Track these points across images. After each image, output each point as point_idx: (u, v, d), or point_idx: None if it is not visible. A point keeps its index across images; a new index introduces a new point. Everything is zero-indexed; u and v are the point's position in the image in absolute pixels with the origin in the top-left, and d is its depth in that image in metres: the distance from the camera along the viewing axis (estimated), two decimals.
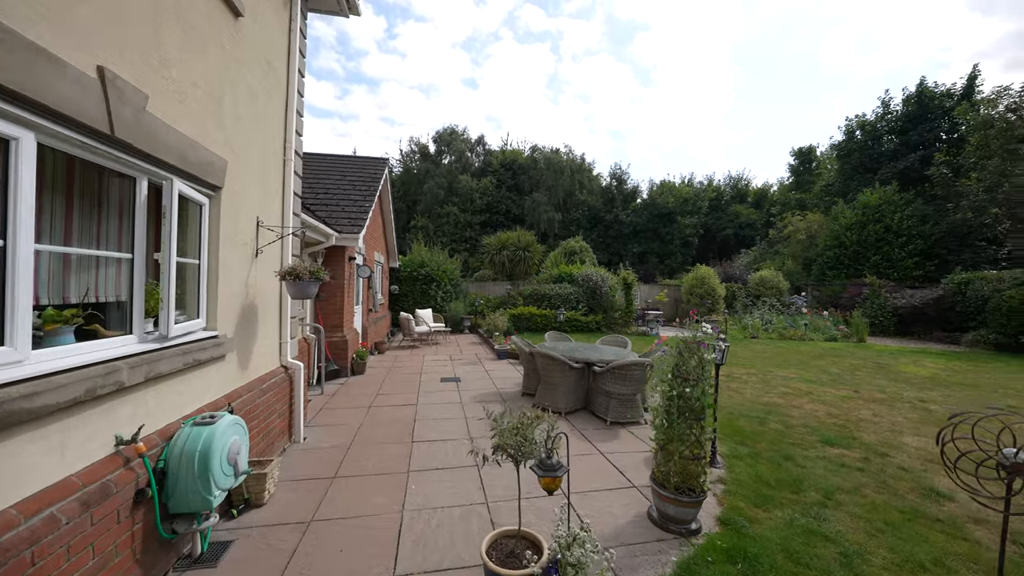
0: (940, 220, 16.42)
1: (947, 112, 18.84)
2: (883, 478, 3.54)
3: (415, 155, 34.54)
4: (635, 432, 4.58)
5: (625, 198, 35.38)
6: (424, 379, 6.90)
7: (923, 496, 3.24)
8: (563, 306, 14.07)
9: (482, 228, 30.53)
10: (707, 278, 16.12)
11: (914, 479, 3.53)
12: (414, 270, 13.89)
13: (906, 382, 7.40)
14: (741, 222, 35.10)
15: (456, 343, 11.21)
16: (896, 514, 2.98)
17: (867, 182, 19.46)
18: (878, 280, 15.15)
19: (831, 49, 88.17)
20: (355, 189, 8.37)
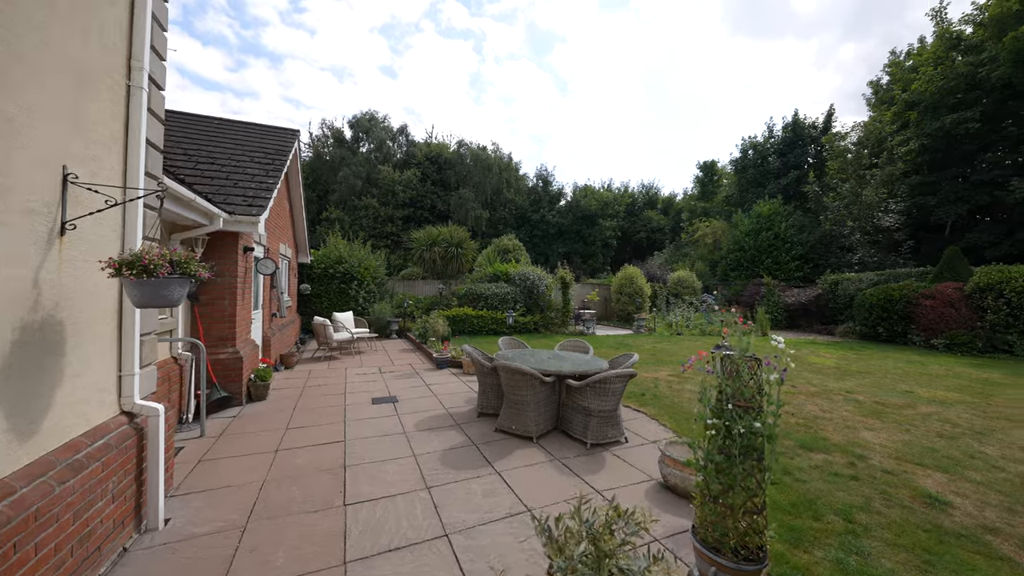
0: (813, 230, 19.17)
1: (814, 140, 22.22)
2: (880, 487, 3.35)
3: (327, 140, 31.05)
4: (620, 455, 3.95)
5: (551, 199, 35.99)
6: (351, 401, 5.54)
7: (928, 505, 3.07)
8: (500, 306, 13.32)
9: (405, 223, 28.49)
10: (635, 278, 16.68)
11: (905, 484, 3.41)
12: (330, 267, 11.95)
13: (821, 372, 8.03)
14: (653, 227, 37.97)
15: (384, 351, 9.74)
16: (922, 534, 2.71)
17: (759, 195, 22.10)
18: (772, 280, 17.09)
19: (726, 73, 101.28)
20: (254, 162, 6.58)
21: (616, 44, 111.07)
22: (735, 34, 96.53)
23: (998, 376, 8.04)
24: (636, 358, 4.88)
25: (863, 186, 17.02)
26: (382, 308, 12.03)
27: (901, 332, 12.07)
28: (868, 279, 14.29)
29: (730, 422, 2.13)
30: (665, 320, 15.50)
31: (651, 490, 3.26)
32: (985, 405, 5.82)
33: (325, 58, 65.82)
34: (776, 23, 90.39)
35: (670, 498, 3.14)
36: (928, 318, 11.31)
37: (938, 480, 3.45)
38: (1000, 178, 14.58)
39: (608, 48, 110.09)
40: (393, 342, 11.26)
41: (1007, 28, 14.31)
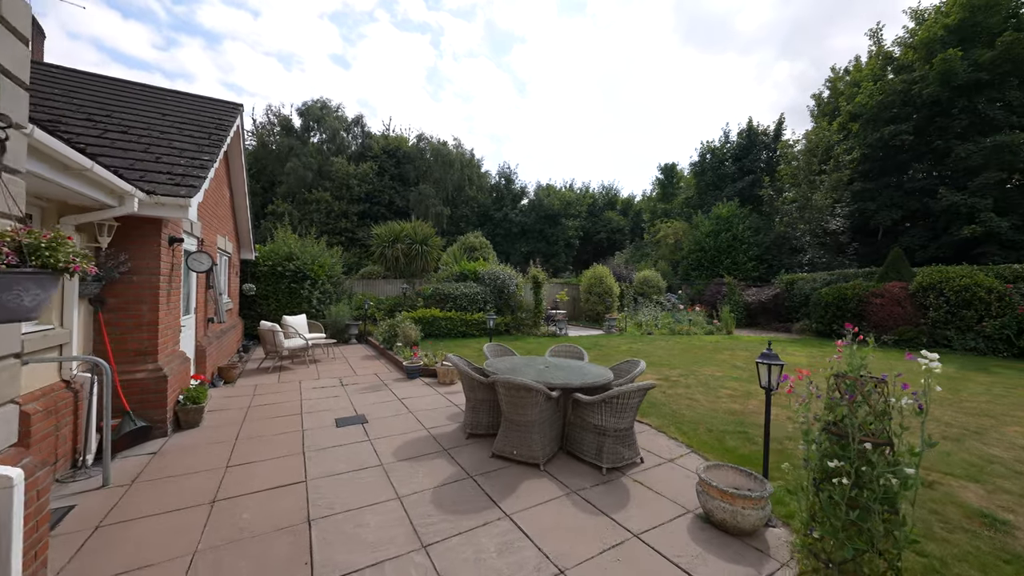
0: (768, 232, 20.14)
1: (767, 147, 23.46)
2: (927, 503, 3.08)
3: (274, 128, 28.58)
4: (641, 480, 3.43)
5: (514, 197, 35.57)
6: (310, 424, 4.61)
7: (988, 526, 2.81)
8: (469, 307, 12.56)
9: (361, 219, 26.82)
10: (604, 277, 16.57)
11: (948, 499, 3.17)
12: (278, 264, 10.61)
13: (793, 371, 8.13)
14: (613, 227, 38.68)
15: (344, 358, 8.68)
16: (1007, 568, 2.40)
17: (717, 198, 22.96)
18: (733, 280, 17.68)
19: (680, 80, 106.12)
20: (184, 136, 5.40)
21: (574, 48, 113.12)
22: (685, 45, 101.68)
23: (951, 370, 8.53)
24: (643, 366, 4.41)
25: (813, 191, 18.05)
26: (339, 310, 10.87)
27: None
28: (821, 279, 15.09)
29: (862, 464, 1.62)
30: (635, 320, 15.48)
31: (693, 527, 2.76)
32: (959, 401, 5.99)
33: (270, 42, 61.16)
34: (720, 39, 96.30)
35: (718, 537, 2.65)
36: (878, 316, 12.02)
37: (977, 493, 3.25)
38: (929, 187, 15.98)
39: (566, 52, 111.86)
40: (353, 348, 10.16)
41: (935, 51, 15.69)
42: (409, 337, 7.48)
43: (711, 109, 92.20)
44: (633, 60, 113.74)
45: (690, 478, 3.49)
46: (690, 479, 3.47)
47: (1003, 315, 10.22)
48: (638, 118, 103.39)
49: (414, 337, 7.48)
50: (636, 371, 4.38)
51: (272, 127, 28.59)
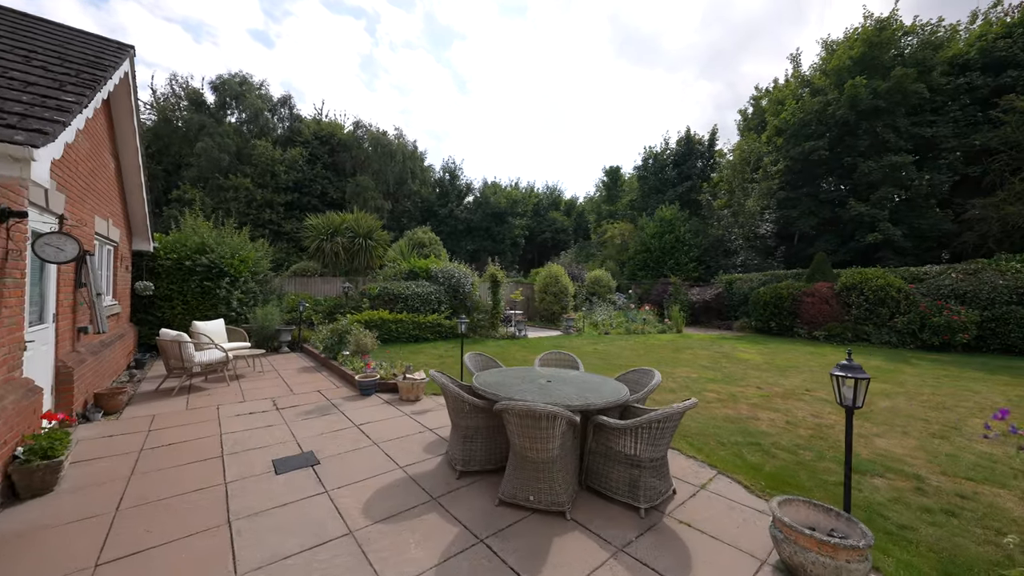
0: (707, 234, 21.38)
1: (702, 155, 25.01)
2: (981, 522, 2.84)
3: (180, 103, 24.53)
4: (687, 520, 2.82)
5: (459, 194, 34.42)
6: (235, 472, 3.38)
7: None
8: (422, 307, 11.41)
9: (288, 210, 24.03)
10: (560, 276, 16.26)
11: (1003, 516, 2.97)
12: (187, 257, 8.64)
13: (760, 369, 8.28)
14: (557, 227, 39.13)
15: (275, 372, 7.17)
16: None
17: (660, 201, 23.95)
18: (678, 279, 18.41)
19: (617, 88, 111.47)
20: (33, 66, 3.79)
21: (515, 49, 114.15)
22: (619, 57, 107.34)
23: (880, 362, 9.28)
24: (658, 378, 3.85)
25: (746, 197, 19.41)
26: (268, 313, 9.15)
27: (789, 326, 13.74)
28: (757, 279, 16.16)
29: None
30: (590, 320, 15.35)
31: None
32: (916, 395, 6.32)
33: (175, 6, 53.06)
34: (650, 55, 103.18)
35: None
36: (810, 313, 13.02)
37: (1018, 503, 3.10)
38: (839, 198, 17.91)
39: (508, 52, 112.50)
40: (286, 358, 8.56)
41: (844, 79, 17.61)
42: (363, 345, 6.27)
43: (649, 116, 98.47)
44: (572, 66, 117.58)
45: (736, 510, 2.97)
46: (736, 511, 2.95)
47: (909, 312, 11.51)
48: (579, 121, 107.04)
49: (369, 345, 6.29)
50: (652, 383, 3.80)
51: (178, 101, 24.51)
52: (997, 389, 6.71)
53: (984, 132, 15.85)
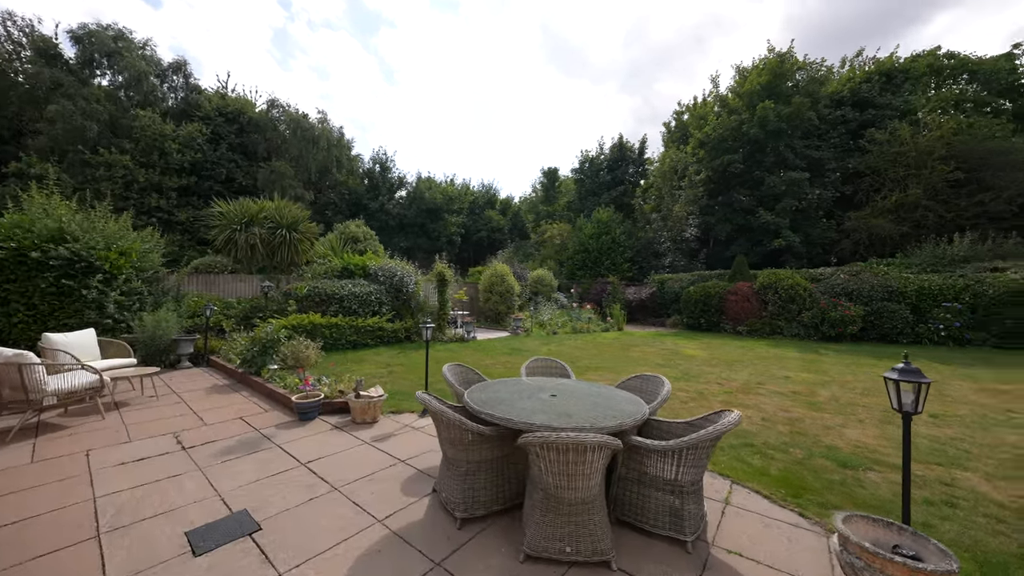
0: (638, 237, 22.57)
1: (634, 162, 26.44)
2: (978, 511, 2.93)
3: (21, 52, 19.47)
4: (734, 548, 2.49)
5: (391, 187, 32.40)
6: (120, 559, 2.28)
7: None
8: (360, 310, 10.14)
9: (184, 196, 20.43)
10: (506, 275, 15.83)
11: (985, 501, 3.11)
12: (33, 247, 6.50)
13: (709, 364, 8.66)
14: (493, 226, 38.82)
15: (174, 395, 5.63)
16: None
17: (596, 203, 24.78)
18: (616, 279, 19.10)
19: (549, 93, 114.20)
20: None
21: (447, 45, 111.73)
22: (549, 63, 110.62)
23: (796, 353, 10.29)
24: (668, 386, 3.53)
25: (674, 203, 20.81)
26: (161, 320, 7.30)
27: (716, 322, 14.88)
28: (687, 279, 17.34)
29: None
30: (537, 320, 15.16)
31: None
32: (843, 382, 6.95)
33: None
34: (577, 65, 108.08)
35: None
36: (734, 310, 14.22)
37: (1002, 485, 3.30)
38: (751, 207, 20.01)
39: (439, 47, 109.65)
40: (188, 376, 6.87)
41: (755, 101, 19.72)
42: (303, 358, 5.09)
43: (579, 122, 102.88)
44: (504, 67, 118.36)
45: (773, 527, 2.73)
46: (773, 529, 2.71)
47: (812, 308, 13.09)
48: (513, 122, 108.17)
49: (312, 358, 5.13)
50: (663, 392, 3.47)
51: (18, 49, 19.37)
52: None
53: (855, 158, 18.84)
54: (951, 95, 19.41)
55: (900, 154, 17.09)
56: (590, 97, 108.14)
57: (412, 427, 4.53)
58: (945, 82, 20.39)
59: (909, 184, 16.70)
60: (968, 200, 15.86)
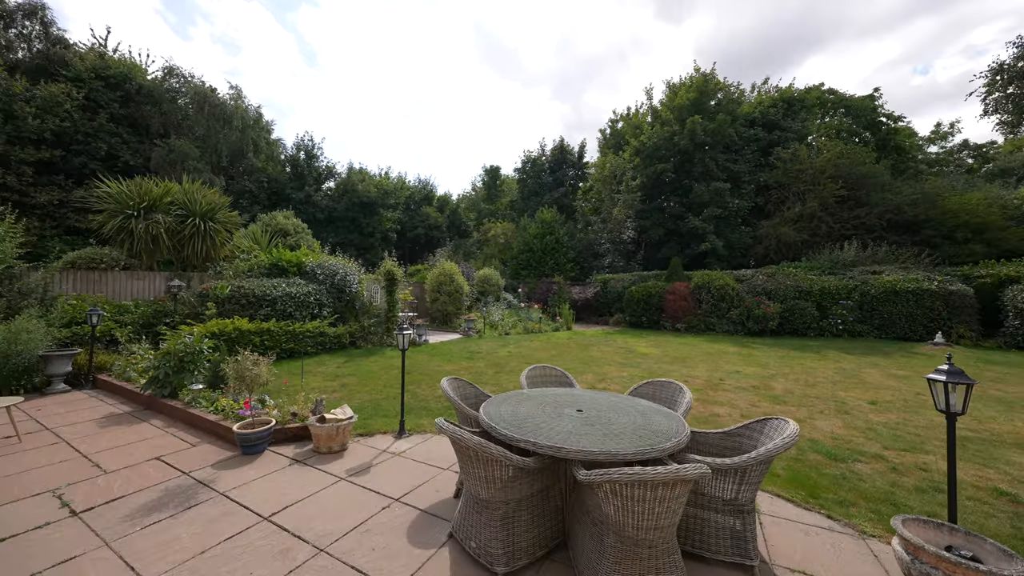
0: (580, 238, 23.19)
1: (574, 165, 27.15)
2: (966, 494, 3.18)
3: None
4: (791, 565, 2.34)
5: (318, 177, 29.60)
6: None
7: None
8: (296, 313, 8.85)
9: (44, 173, 16.50)
10: (454, 275, 15.15)
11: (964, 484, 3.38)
12: None
13: (663, 361, 8.99)
14: (431, 223, 37.53)
15: (49, 433, 4.22)
16: None
17: (539, 203, 24.97)
18: (562, 279, 19.37)
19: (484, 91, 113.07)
20: None
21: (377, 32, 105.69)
22: (482, 63, 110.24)
23: (732, 347, 11.18)
24: (690, 395, 3.37)
25: (613, 206, 21.70)
26: (22, 331, 5.55)
27: (656, 320, 15.73)
28: (628, 279, 18.13)
29: None
30: (488, 320, 14.72)
31: None
32: (787, 374, 7.59)
33: None
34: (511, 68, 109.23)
35: None
36: (673, 308, 15.14)
37: (993, 476, 3.63)
38: (680, 213, 21.61)
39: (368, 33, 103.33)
40: (67, 403, 5.28)
41: (684, 115, 21.31)
42: (254, 378, 3.99)
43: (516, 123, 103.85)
44: (438, 62, 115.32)
45: (813, 535, 2.67)
46: (815, 537, 2.65)
47: (739, 306, 14.41)
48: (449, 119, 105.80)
49: (264, 377, 4.07)
50: (686, 401, 3.29)
51: None
52: (818, 364, 8.66)
53: (766, 172, 21.27)
54: (833, 124, 22.84)
55: (800, 171, 19.63)
56: (524, 100, 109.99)
57: (391, 453, 3.87)
58: (828, 113, 23.95)
59: (807, 198, 19.25)
60: (849, 213, 18.72)
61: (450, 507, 2.90)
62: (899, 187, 18.80)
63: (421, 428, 4.58)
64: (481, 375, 7.34)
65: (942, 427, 4.76)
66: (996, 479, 3.51)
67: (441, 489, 3.17)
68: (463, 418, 3.16)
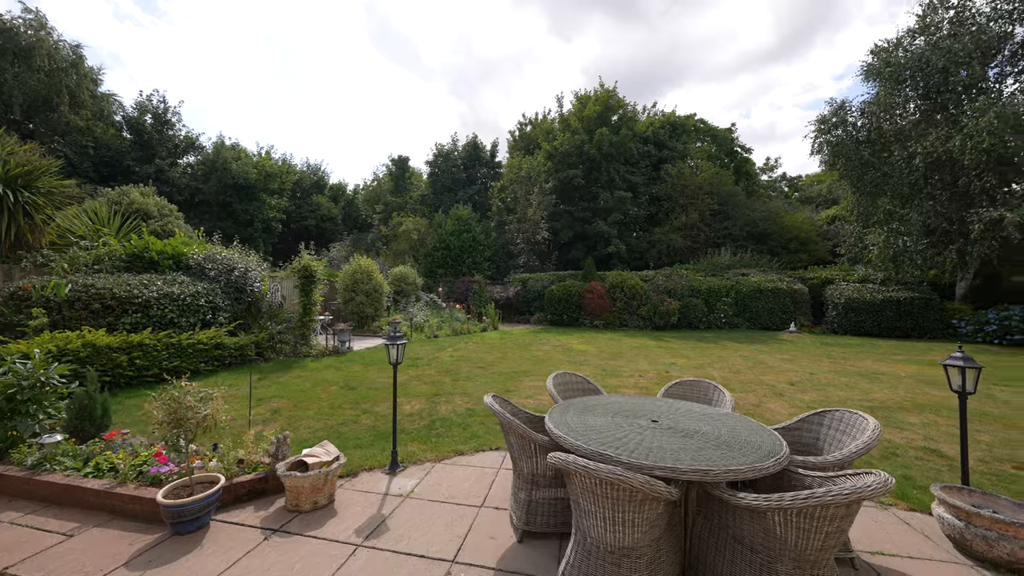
0: (497, 237, 23.13)
1: (487, 163, 26.98)
2: (919, 465, 3.80)
3: None
4: (872, 548, 2.43)
5: (175, 148, 23.84)
6: None
7: None
8: (179, 319, 6.74)
9: None
10: (372, 272, 13.57)
11: None
12: None
13: (606, 357, 9.35)
14: (323, 214, 33.59)
15: None
16: None
17: (453, 200, 24.14)
18: (482, 278, 19.02)
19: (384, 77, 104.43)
20: None
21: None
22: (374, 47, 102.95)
23: (649, 341, 12.30)
24: (729, 395, 3.37)
25: (528, 207, 22.14)
26: None
27: (576, 318, 16.49)
28: (547, 279, 18.64)
29: None
30: (412, 323, 13.57)
31: None
32: (717, 364, 8.54)
33: None
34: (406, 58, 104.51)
35: None
36: (591, 307, 16.05)
37: (911, 437, 4.36)
38: (588, 217, 23.13)
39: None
40: None
41: (592, 126, 22.86)
42: (200, 420, 2.62)
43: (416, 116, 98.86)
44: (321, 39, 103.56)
45: (861, 513, 2.83)
46: (862, 514, 2.81)
47: (648, 303, 16.01)
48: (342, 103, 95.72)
49: (220, 416, 2.70)
50: (727, 400, 3.28)
51: None
52: (725, 352, 10.02)
53: (657, 185, 24.12)
54: (706, 149, 27.08)
55: (684, 186, 22.75)
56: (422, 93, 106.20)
57: (397, 496, 3.06)
58: (701, 138, 28.33)
59: (689, 210, 22.42)
60: (720, 225, 22.41)
61: (525, 558, 2.34)
62: (753, 205, 23.19)
63: (413, 457, 3.79)
64: (439, 384, 6.58)
65: (856, 399, 5.79)
66: (915, 439, 4.32)
67: (496, 535, 2.57)
68: (521, 441, 2.60)
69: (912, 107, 13.62)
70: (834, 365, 8.58)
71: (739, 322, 15.63)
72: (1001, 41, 12.36)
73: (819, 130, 15.23)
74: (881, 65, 13.98)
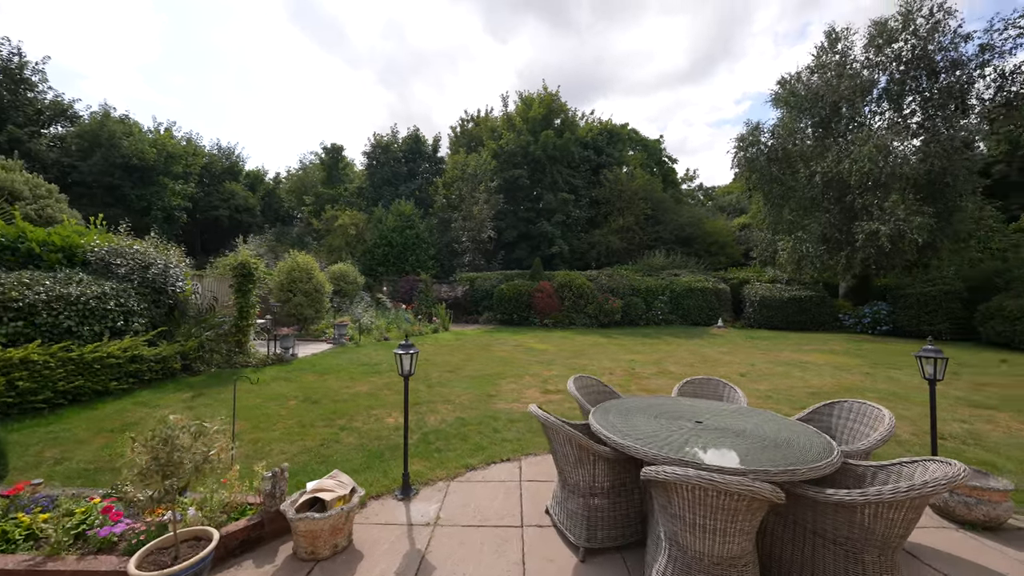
0: (443, 235, 22.45)
1: (428, 158, 26.05)
2: None
3: None
4: None
5: (36, 115, 19.44)
6: None
7: None
8: (79, 327, 5.42)
9: None
10: (313, 270, 12.31)
11: None
12: None
13: (568, 355, 9.54)
14: (238, 204, 29.98)
15: None
16: None
17: (394, 194, 22.90)
18: (428, 277, 18.32)
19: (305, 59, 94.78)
20: None
21: None
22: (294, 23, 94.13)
23: (600, 339, 12.83)
24: (741, 393, 3.56)
25: (473, 205, 21.82)
26: None
27: (526, 317, 16.61)
28: (495, 278, 18.53)
29: None
30: (358, 324, 12.58)
31: None
32: (669, 359, 9.12)
33: None
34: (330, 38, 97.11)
35: None
36: (541, 306, 16.29)
37: None
38: (533, 217, 23.47)
39: None
40: None
41: (537, 128, 23.22)
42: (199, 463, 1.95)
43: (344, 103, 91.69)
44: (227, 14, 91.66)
45: None
46: None
47: (594, 302, 16.70)
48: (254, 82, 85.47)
49: (223, 459, 2.04)
50: (740, 397, 3.46)
51: None
52: (670, 347, 10.80)
53: (596, 189, 25.28)
54: (639, 157, 29.00)
55: (621, 191, 24.13)
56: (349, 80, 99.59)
57: (423, 524, 2.74)
58: (634, 147, 30.28)
59: (626, 214, 23.84)
60: (652, 229, 24.17)
61: None
62: (680, 211, 25.38)
63: (421, 477, 3.43)
64: (415, 392, 6.13)
65: (801, 387, 6.54)
66: None
67: (553, 557, 2.40)
68: (580, 452, 2.46)
69: (811, 132, 15.94)
70: (766, 356, 9.68)
71: (673, 319, 16.94)
72: (872, 86, 14.93)
73: (738, 147, 17.13)
74: (786, 95, 16.13)
